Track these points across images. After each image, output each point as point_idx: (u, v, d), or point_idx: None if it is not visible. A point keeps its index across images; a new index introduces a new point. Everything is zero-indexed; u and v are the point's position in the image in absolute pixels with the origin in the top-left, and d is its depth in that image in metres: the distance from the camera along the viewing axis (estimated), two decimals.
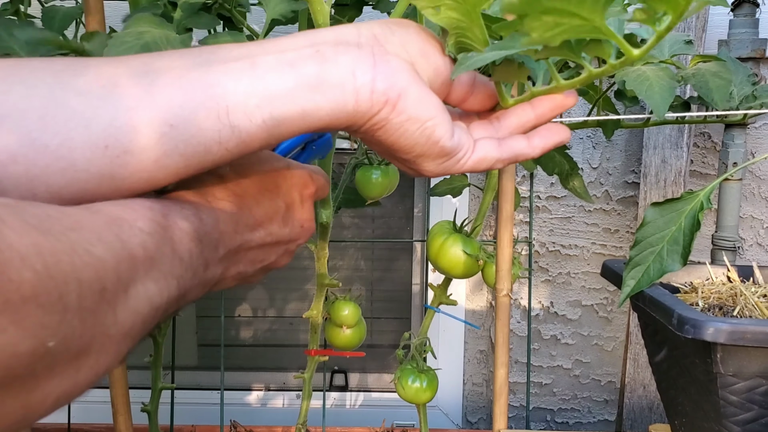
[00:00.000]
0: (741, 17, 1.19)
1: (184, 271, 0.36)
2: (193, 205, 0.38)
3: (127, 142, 0.34)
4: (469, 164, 0.42)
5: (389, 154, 0.42)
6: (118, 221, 0.32)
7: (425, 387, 0.89)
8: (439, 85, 0.41)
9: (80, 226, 0.29)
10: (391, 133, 0.38)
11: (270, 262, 0.46)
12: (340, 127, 0.38)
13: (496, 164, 0.43)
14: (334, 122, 0.37)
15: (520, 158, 0.44)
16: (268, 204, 0.43)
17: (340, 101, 0.36)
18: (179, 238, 0.35)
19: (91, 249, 0.29)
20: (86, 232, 0.29)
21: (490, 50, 0.38)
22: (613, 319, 1.42)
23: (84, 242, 0.29)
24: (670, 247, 0.64)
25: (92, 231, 0.30)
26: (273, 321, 1.56)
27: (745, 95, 0.84)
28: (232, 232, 0.41)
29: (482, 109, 0.45)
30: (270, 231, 0.44)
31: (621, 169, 1.38)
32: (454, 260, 0.86)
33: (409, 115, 0.37)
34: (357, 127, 0.38)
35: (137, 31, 0.59)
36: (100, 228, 0.31)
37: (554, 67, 0.41)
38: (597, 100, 0.86)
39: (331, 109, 0.37)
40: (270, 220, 0.44)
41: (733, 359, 0.56)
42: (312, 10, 0.63)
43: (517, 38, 0.36)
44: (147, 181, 0.35)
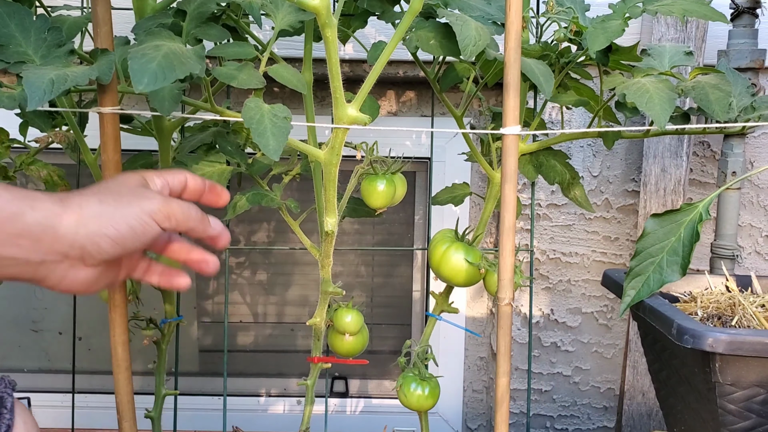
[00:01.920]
0: (740, 27, 1.20)
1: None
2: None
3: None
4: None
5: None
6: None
7: (427, 394, 0.89)
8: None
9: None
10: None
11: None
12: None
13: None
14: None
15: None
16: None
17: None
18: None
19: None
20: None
21: None
22: (613, 326, 1.43)
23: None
24: (670, 258, 0.65)
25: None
26: (274, 327, 1.56)
27: (744, 106, 0.85)
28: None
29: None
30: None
31: (621, 177, 1.38)
32: (456, 268, 0.87)
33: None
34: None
35: (154, 44, 0.60)
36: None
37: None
38: (598, 111, 0.87)
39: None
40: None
41: (731, 369, 0.57)
42: (320, 23, 0.64)
43: None
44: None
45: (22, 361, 1.53)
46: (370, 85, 0.71)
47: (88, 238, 0.51)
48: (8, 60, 0.67)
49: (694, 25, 1.25)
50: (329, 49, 0.67)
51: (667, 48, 0.86)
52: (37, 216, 0.49)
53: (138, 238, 0.52)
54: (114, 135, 0.69)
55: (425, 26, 0.78)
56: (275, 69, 0.70)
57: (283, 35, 0.76)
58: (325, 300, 0.89)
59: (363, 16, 0.86)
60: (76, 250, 0.51)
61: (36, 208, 0.50)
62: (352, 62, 1.29)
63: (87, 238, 0.51)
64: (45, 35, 0.69)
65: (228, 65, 0.68)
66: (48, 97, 0.59)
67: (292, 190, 1.42)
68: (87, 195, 0.53)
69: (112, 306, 0.73)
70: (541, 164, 0.92)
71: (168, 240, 0.59)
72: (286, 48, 1.12)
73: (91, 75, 0.63)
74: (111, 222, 0.51)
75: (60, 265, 0.51)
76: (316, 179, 0.86)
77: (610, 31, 0.74)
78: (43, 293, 1.51)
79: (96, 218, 0.51)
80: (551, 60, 0.84)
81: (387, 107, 1.40)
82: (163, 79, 0.59)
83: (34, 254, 0.50)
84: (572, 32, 0.84)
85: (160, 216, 0.53)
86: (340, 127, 0.70)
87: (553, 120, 1.36)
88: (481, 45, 0.72)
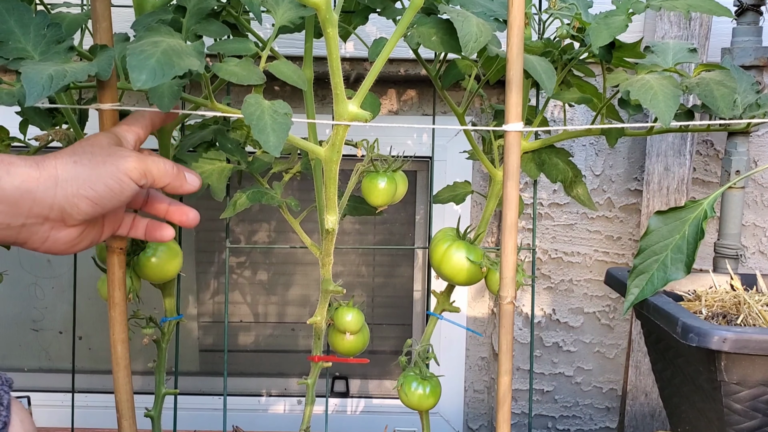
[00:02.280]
0: (744, 25, 1.20)
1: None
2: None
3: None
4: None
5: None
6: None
7: (428, 393, 0.89)
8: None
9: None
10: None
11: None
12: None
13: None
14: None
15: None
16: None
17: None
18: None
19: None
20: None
21: None
22: (615, 326, 1.42)
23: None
24: (674, 256, 0.64)
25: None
26: (274, 327, 1.56)
27: (748, 103, 0.84)
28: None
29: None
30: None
31: (624, 176, 1.38)
32: (457, 267, 0.86)
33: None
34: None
35: (153, 40, 0.59)
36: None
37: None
38: (601, 108, 0.86)
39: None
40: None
41: (737, 367, 0.57)
42: (320, 19, 0.64)
43: None
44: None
45: (22, 360, 1.52)
46: (371, 82, 0.70)
47: (66, 199, 0.52)
48: (7, 56, 0.66)
49: (697, 22, 1.24)
50: (330, 45, 0.66)
51: (670, 45, 0.86)
52: (13, 181, 0.51)
53: (115, 197, 0.53)
54: None
55: (426, 22, 0.77)
56: (275, 65, 0.70)
57: (284, 32, 0.75)
58: (325, 299, 0.88)
59: (364, 12, 0.85)
60: (56, 212, 0.52)
61: (12, 173, 0.51)
62: (353, 60, 1.29)
63: (65, 199, 0.52)
64: (44, 31, 0.68)
65: (228, 61, 0.68)
66: (47, 92, 0.58)
67: (292, 189, 1.41)
68: (62, 157, 0.54)
69: (112, 304, 0.72)
70: (544, 162, 0.91)
71: (146, 196, 0.61)
72: (286, 46, 1.12)
73: (90, 71, 0.62)
74: (88, 183, 0.52)
75: (41, 227, 0.52)
76: (316, 177, 0.85)
77: (614, 27, 0.73)
78: (43, 293, 1.51)
79: (73, 180, 0.52)
80: (554, 57, 0.83)
81: (388, 106, 1.39)
82: (162, 76, 0.58)
83: (14, 218, 0.51)
84: (575, 29, 0.84)
85: (135, 174, 0.54)
86: (340, 123, 0.70)
87: (555, 119, 1.35)
88: (482, 41, 0.71)
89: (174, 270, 0.86)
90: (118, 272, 0.72)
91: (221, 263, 1.50)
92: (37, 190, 0.51)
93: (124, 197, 0.55)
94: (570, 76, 0.89)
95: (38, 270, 1.50)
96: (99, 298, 0.87)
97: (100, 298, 0.87)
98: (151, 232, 0.63)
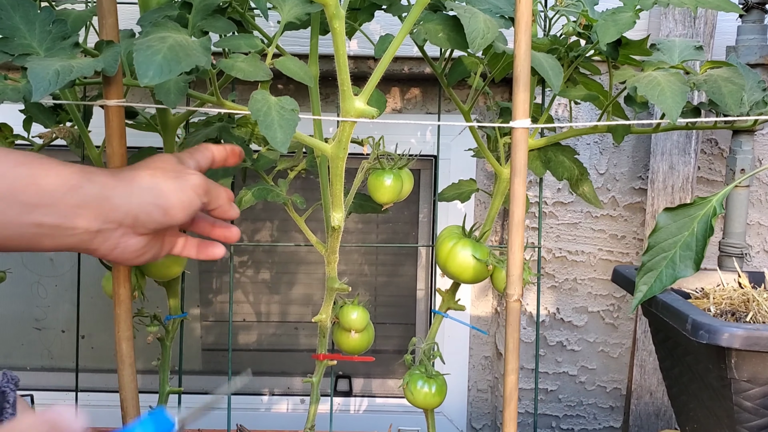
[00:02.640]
0: (749, 23, 1.19)
1: None
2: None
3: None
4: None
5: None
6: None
7: (434, 392, 0.88)
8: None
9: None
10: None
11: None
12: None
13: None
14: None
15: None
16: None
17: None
18: None
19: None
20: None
21: None
22: (620, 325, 1.42)
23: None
24: (683, 253, 0.64)
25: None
26: (277, 326, 1.55)
27: (755, 101, 0.84)
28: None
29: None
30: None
31: (628, 175, 1.37)
32: (463, 265, 0.86)
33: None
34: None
35: (160, 36, 0.59)
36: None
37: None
38: (607, 105, 0.86)
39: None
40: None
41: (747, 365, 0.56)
42: (328, 14, 0.64)
43: None
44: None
45: (25, 359, 1.52)
46: (378, 78, 0.70)
47: (141, 207, 0.56)
48: (12, 52, 0.66)
49: (702, 21, 1.24)
50: (337, 40, 0.66)
51: (676, 42, 0.85)
52: (94, 188, 0.55)
53: (184, 210, 0.58)
54: (119, 128, 0.68)
55: (433, 19, 0.77)
56: (282, 61, 0.69)
57: (290, 28, 0.75)
58: (330, 296, 0.88)
59: (370, 9, 0.85)
60: (130, 219, 0.56)
61: (93, 180, 0.55)
62: (357, 59, 1.28)
63: (140, 207, 0.56)
64: (49, 27, 0.68)
65: (234, 57, 0.67)
66: (53, 87, 0.58)
67: (295, 188, 1.41)
68: (137, 169, 0.59)
69: (117, 301, 0.72)
70: (550, 160, 0.91)
71: (193, 218, 0.65)
72: (290, 44, 1.11)
73: (97, 66, 0.62)
74: (162, 193, 0.57)
75: (114, 233, 0.56)
76: (321, 174, 0.85)
77: (621, 23, 0.73)
78: (46, 291, 1.51)
79: (148, 190, 0.57)
80: (560, 54, 0.83)
81: (392, 104, 1.39)
82: (169, 72, 0.58)
83: (93, 222, 0.55)
84: (581, 26, 0.83)
85: (200, 190, 0.59)
86: (347, 120, 0.69)
87: (560, 117, 1.35)
88: (489, 38, 0.71)
89: (178, 268, 0.86)
90: (123, 269, 0.72)
91: (224, 262, 1.50)
92: (114, 196, 0.56)
93: (191, 211, 0.59)
94: (576, 74, 0.88)
95: (41, 269, 1.50)
96: (102, 297, 0.87)
97: (102, 297, 0.87)
98: (202, 250, 0.67)
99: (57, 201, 0.53)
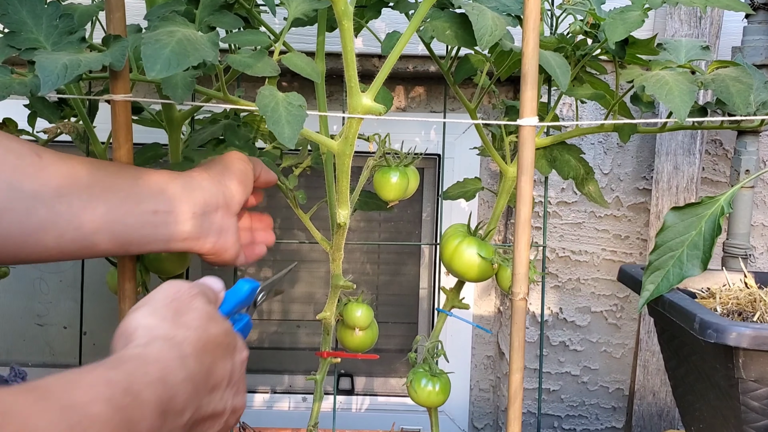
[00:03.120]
0: (755, 24, 1.19)
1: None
2: (161, 365, 0.41)
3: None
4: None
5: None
6: (69, 410, 0.34)
7: (438, 390, 0.88)
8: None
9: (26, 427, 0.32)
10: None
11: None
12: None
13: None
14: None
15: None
16: (223, 364, 0.48)
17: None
18: (140, 416, 0.37)
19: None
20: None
21: None
22: (623, 326, 1.42)
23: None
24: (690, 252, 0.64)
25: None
26: (279, 324, 1.55)
27: (762, 101, 0.84)
28: (194, 393, 0.44)
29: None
30: (222, 396, 0.48)
31: (632, 175, 1.37)
32: (468, 263, 0.85)
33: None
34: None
35: (168, 30, 0.59)
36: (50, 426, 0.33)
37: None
38: (614, 104, 0.85)
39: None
40: (224, 382, 0.48)
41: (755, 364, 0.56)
42: (337, 11, 0.63)
43: None
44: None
45: (27, 355, 1.52)
46: (386, 75, 0.70)
47: (226, 188, 0.66)
48: (19, 46, 0.66)
49: (708, 21, 1.24)
50: (345, 37, 0.66)
51: (683, 42, 0.85)
52: (193, 182, 0.65)
53: (249, 181, 0.68)
54: (126, 123, 0.68)
55: (440, 16, 0.77)
56: (289, 57, 0.69)
57: (297, 24, 0.75)
58: (335, 294, 0.88)
59: (377, 6, 0.85)
60: (221, 200, 0.65)
61: (192, 177, 0.66)
62: (362, 57, 1.28)
63: (225, 187, 0.66)
64: (56, 22, 0.68)
65: (242, 53, 0.67)
66: (61, 81, 0.58)
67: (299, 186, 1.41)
68: (209, 165, 0.69)
69: (122, 297, 0.72)
70: (555, 159, 0.91)
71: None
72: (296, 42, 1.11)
73: (105, 61, 0.62)
74: (234, 174, 0.67)
75: (216, 215, 0.65)
76: (327, 171, 0.85)
77: (629, 22, 0.73)
78: (48, 287, 1.51)
79: (219, 173, 0.67)
80: (567, 52, 0.83)
81: (396, 103, 1.38)
82: (177, 65, 0.58)
83: (197, 207, 0.64)
84: (588, 24, 0.83)
85: (248, 162, 0.70)
86: (354, 116, 0.69)
87: (564, 116, 1.34)
88: (497, 35, 0.71)
89: (183, 264, 0.86)
90: (128, 265, 0.71)
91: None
92: (208, 187, 0.65)
93: (251, 184, 0.69)
94: (582, 73, 0.88)
95: (44, 265, 1.50)
96: (104, 293, 0.87)
97: (105, 293, 0.86)
98: (251, 252, 0.75)
99: (164, 189, 0.62)
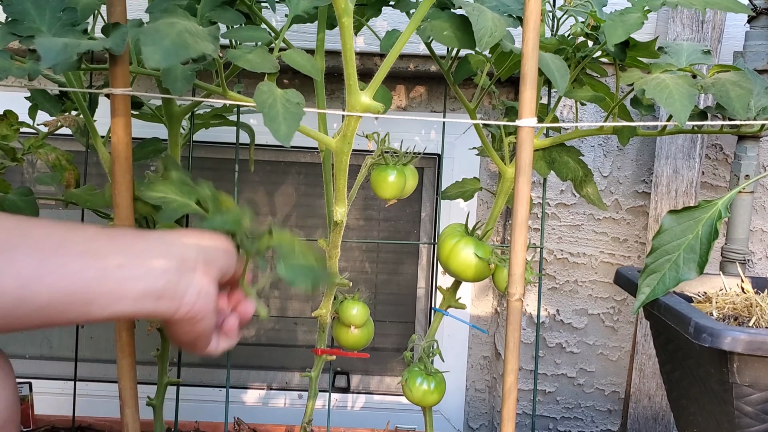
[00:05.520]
0: (757, 29, 1.19)
1: None
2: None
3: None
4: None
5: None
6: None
7: (433, 389, 0.88)
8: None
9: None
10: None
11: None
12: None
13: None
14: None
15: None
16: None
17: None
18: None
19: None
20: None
21: None
22: (619, 328, 1.42)
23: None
24: (687, 255, 0.64)
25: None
26: (276, 321, 1.55)
27: (762, 106, 0.84)
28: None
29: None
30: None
31: (632, 178, 1.37)
32: (465, 263, 0.85)
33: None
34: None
35: (169, 22, 0.59)
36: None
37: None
38: (613, 107, 0.85)
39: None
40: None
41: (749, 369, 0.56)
42: (337, 9, 0.63)
43: None
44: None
45: (24, 347, 1.52)
46: (385, 73, 0.70)
47: (203, 250, 0.60)
48: (21, 34, 0.66)
49: (710, 25, 1.24)
50: (345, 35, 0.66)
51: (684, 46, 0.85)
52: (174, 239, 0.60)
53: (231, 258, 0.62)
54: (125, 115, 0.68)
55: (440, 17, 0.77)
56: (289, 54, 0.69)
57: (297, 21, 0.75)
58: (331, 291, 0.88)
59: (377, 4, 0.85)
60: (202, 255, 0.59)
61: (178, 233, 0.61)
62: (363, 55, 1.28)
63: (202, 249, 0.60)
64: (60, 14, 0.68)
65: (242, 48, 0.67)
66: (61, 56, 0.57)
67: (298, 181, 1.41)
68: (187, 231, 0.65)
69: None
70: (554, 160, 0.91)
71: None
72: (296, 39, 1.11)
73: (105, 44, 0.62)
74: (215, 239, 0.62)
75: (194, 275, 0.58)
76: (325, 169, 0.85)
77: (629, 24, 0.73)
78: None
79: (200, 233, 0.63)
80: (567, 54, 0.83)
81: (396, 102, 1.38)
82: (176, 56, 0.57)
83: (172, 261, 0.57)
84: (589, 26, 0.83)
85: (230, 245, 0.64)
86: (353, 114, 0.69)
87: (564, 118, 1.34)
88: (497, 36, 0.71)
89: None
90: None
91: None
92: (188, 243, 0.60)
93: (233, 259, 0.63)
94: (582, 75, 0.88)
95: None
96: None
97: None
98: (243, 310, 0.69)
99: (131, 244, 0.56)
